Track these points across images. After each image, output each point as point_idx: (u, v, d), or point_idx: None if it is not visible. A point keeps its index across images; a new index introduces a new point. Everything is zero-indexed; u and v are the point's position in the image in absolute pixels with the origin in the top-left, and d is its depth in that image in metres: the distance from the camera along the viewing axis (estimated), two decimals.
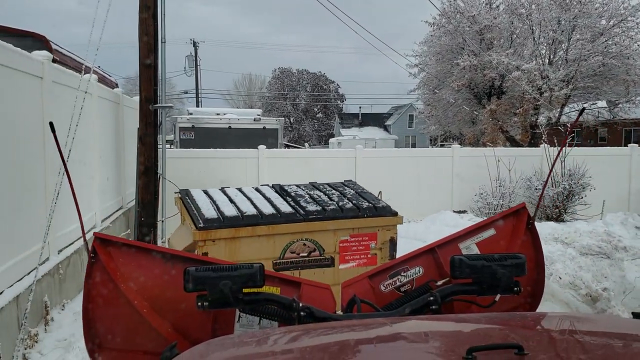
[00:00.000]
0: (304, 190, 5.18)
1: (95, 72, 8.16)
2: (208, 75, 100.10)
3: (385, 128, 48.58)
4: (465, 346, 1.08)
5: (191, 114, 14.78)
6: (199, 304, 1.58)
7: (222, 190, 5.13)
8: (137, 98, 9.34)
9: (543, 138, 21.48)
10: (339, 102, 54.23)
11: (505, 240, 2.11)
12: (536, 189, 9.95)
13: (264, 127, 12.58)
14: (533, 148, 12.68)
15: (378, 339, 1.34)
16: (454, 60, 23.64)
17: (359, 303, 1.73)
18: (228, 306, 1.60)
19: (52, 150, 4.78)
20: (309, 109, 53.26)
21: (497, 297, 1.71)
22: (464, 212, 9.62)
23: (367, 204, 4.92)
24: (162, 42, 7.92)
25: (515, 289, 1.68)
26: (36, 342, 4.02)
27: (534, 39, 23.05)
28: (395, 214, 4.95)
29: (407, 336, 1.36)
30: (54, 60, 7.73)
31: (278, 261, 4.56)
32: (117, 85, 16.92)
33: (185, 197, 4.89)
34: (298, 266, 4.64)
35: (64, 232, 5.14)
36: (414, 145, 45.18)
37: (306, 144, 42.02)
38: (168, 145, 9.58)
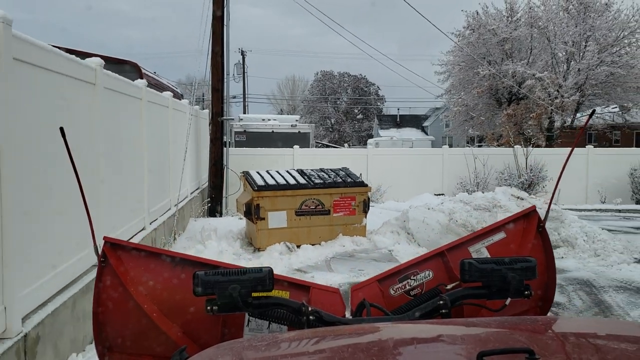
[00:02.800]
0: (314, 172, 9.05)
1: (173, 91, 12.28)
2: (253, 79, 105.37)
3: (423, 129, 51.73)
4: (475, 350, 1.11)
5: (242, 119, 18.90)
6: (208, 308, 1.64)
7: (267, 171, 9.04)
8: (206, 111, 13.45)
9: (556, 139, 24.69)
10: (378, 103, 57.60)
11: (516, 243, 2.15)
12: (504, 179, 13.47)
13: (299, 131, 16.54)
14: (504, 148, 16.11)
15: (387, 343, 1.36)
16: (474, 69, 26.90)
17: (369, 307, 1.77)
18: (237, 310, 1.65)
19: (174, 152, 8.78)
20: (349, 111, 56.81)
21: (508, 301, 1.75)
22: (442, 194, 13.22)
23: (350, 179, 8.75)
24: (227, 75, 11.92)
25: (526, 292, 1.72)
26: (175, 239, 7.98)
27: (551, 48, 26.00)
28: (366, 185, 8.77)
29: (417, 340, 1.39)
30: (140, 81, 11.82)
31: (297, 210, 8.43)
32: (182, 96, 21.24)
33: (246, 174, 8.84)
34: (309, 213, 8.50)
35: (167, 201, 9.08)
36: (450, 146, 48.09)
37: (346, 145, 45.59)
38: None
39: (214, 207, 11.67)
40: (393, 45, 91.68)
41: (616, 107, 26.92)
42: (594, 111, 2.69)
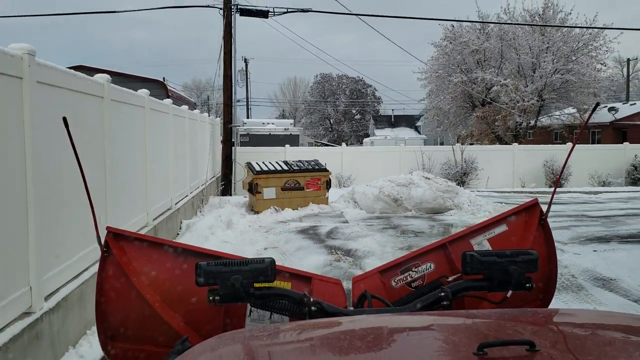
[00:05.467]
0: (294, 162, 14.05)
1: (189, 102, 17.31)
2: (256, 80, 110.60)
3: (416, 128, 56.55)
4: (476, 342, 1.16)
5: (245, 123, 23.92)
6: (210, 298, 1.72)
7: (263, 162, 14.03)
8: (218, 119, 18.45)
9: (521, 138, 29.50)
10: (375, 104, 62.44)
11: (517, 236, 2.26)
12: (445, 169, 18.39)
13: (290, 134, 21.57)
14: (446, 146, 21.01)
15: (389, 334, 1.43)
16: (449, 76, 31.77)
17: (370, 298, 1.87)
18: (239, 301, 1.74)
19: (200, 149, 13.74)
20: (347, 111, 61.68)
21: (509, 293, 1.82)
22: None
23: (317, 167, 13.76)
24: (234, 94, 16.89)
25: (527, 285, 1.80)
26: (201, 211, 12.91)
27: (518, 59, 30.81)
28: (328, 170, 13.79)
29: (418, 331, 1.45)
30: (168, 97, 16.83)
31: (282, 187, 13.42)
32: (195, 105, 26.31)
33: (249, 164, 13.88)
34: (290, 189, 13.47)
35: (197, 181, 13.99)
36: (442, 144, 52.86)
37: (343, 143, 50.48)
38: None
39: (226, 189, 16.68)
40: (396, 45, 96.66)
41: (574, 110, 31.72)
42: (597, 105, 2.77)
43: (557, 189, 18.69)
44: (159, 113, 9.19)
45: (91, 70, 15.40)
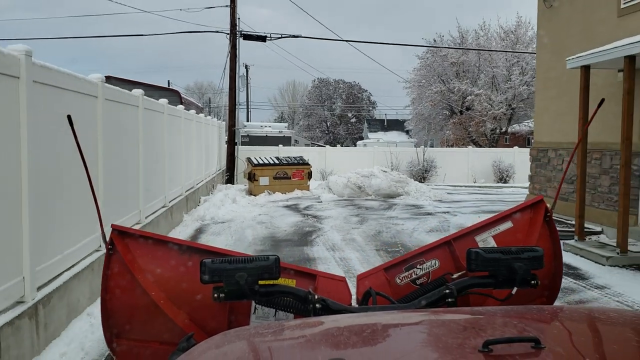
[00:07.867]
0: (284, 157, 18.89)
1: (198, 107, 22.19)
2: (257, 86, 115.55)
3: (407, 132, 61.30)
4: (481, 339, 1.20)
5: (245, 126, 28.74)
6: (215, 295, 1.79)
7: (259, 157, 18.83)
8: (224, 122, 23.26)
9: (495, 142, 34.15)
10: (370, 108, 67.17)
11: (523, 233, 2.34)
12: (409, 167, 23.13)
13: (284, 135, 26.38)
14: (412, 148, 25.75)
15: (393, 331, 1.48)
16: (429, 86, 36.57)
17: (375, 295, 1.96)
18: (244, 298, 1.81)
19: (210, 147, 18.48)
20: (343, 115, 66.37)
21: (514, 290, 1.89)
22: None
23: (302, 161, 18.62)
24: (237, 103, 21.64)
25: (533, 282, 1.87)
26: (212, 192, 17.65)
27: (493, 71, 35.55)
28: (309, 164, 18.63)
29: (422, 329, 1.50)
30: (182, 104, 21.57)
31: (274, 176, 18.26)
32: (202, 108, 31.09)
33: (248, 159, 18.74)
34: (280, 178, 18.30)
35: (209, 171, 18.71)
36: (432, 146, 57.49)
37: (338, 145, 55.16)
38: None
39: (230, 179, 21.49)
40: (397, 49, 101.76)
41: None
42: (602, 100, 2.70)
43: (502, 185, 23.42)
44: (188, 121, 13.96)
45: (118, 81, 20.04)
